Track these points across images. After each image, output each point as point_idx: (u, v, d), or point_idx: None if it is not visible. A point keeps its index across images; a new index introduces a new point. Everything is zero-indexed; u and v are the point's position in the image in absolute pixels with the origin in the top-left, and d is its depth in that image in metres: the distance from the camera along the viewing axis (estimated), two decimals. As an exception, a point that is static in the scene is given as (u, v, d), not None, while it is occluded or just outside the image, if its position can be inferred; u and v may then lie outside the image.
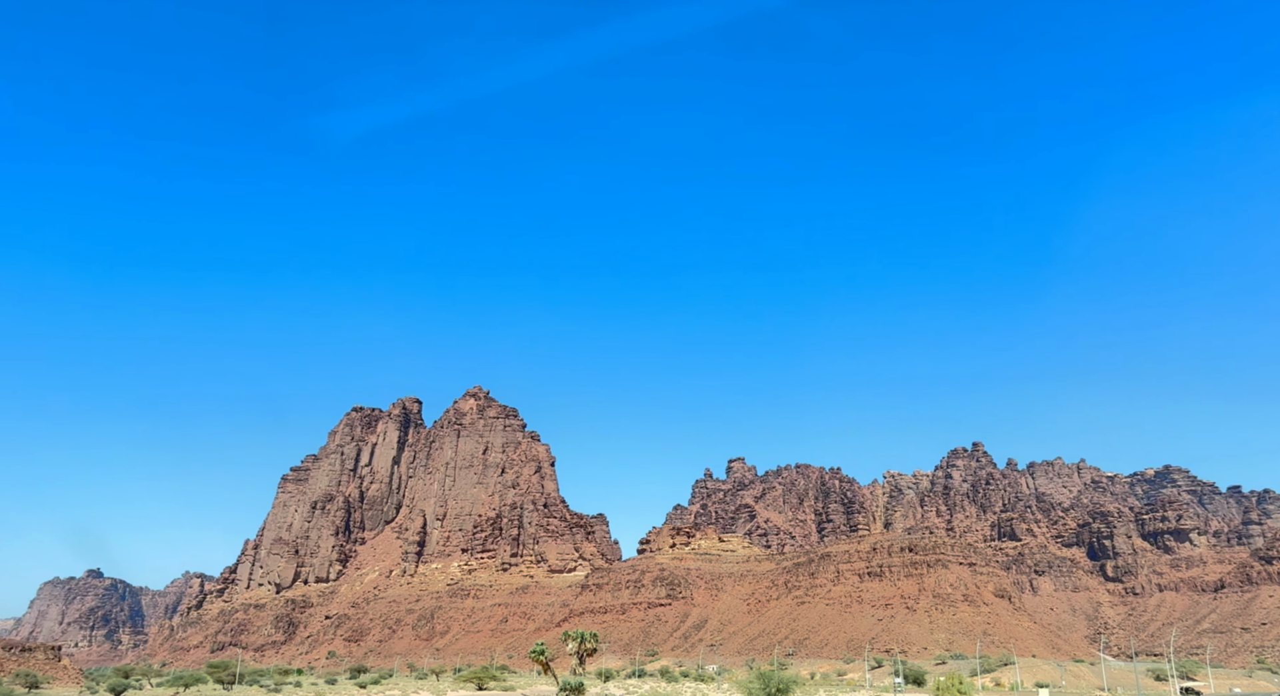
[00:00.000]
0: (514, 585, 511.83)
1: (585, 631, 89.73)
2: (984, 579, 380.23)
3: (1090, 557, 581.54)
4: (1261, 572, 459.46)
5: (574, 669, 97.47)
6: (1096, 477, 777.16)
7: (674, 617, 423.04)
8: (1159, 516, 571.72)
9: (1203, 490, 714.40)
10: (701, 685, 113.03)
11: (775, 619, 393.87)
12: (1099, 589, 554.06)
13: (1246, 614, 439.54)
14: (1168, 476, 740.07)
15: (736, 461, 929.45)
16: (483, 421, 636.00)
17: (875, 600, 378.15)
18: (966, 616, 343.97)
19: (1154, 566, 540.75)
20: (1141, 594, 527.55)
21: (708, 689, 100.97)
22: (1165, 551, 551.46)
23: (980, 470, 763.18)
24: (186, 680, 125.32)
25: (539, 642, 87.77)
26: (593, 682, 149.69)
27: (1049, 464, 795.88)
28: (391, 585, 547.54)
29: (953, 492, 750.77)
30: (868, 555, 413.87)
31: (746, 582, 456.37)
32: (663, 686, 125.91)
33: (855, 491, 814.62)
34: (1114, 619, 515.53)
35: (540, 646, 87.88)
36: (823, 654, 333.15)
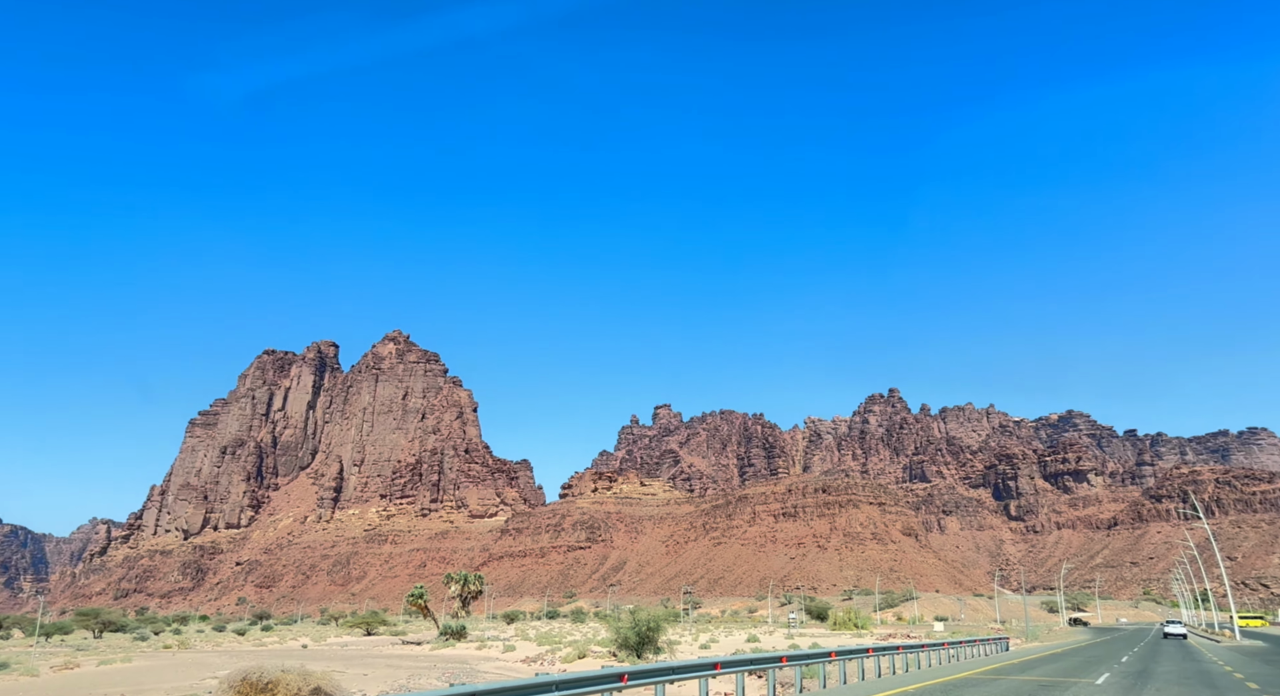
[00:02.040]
0: (433, 530, 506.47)
1: (469, 574, 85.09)
2: (893, 518, 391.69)
3: (995, 498, 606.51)
4: (1151, 510, 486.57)
5: (456, 612, 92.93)
6: (1004, 422, 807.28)
7: (593, 560, 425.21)
8: (1060, 458, 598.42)
9: (1101, 434, 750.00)
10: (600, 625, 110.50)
11: (692, 559, 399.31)
12: (1002, 527, 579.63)
13: (1136, 549, 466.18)
14: (1070, 421, 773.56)
15: (663, 408, 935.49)
16: (403, 366, 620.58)
17: (789, 539, 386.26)
18: (875, 554, 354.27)
19: (1054, 506, 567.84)
20: (1041, 531, 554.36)
21: (598, 627, 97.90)
22: (1065, 491, 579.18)
23: (895, 415, 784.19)
24: (48, 629, 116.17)
25: (418, 586, 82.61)
26: (494, 625, 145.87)
27: (960, 409, 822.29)
28: (306, 531, 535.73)
29: (869, 437, 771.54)
30: (783, 496, 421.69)
31: (666, 525, 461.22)
32: (561, 627, 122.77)
33: (777, 436, 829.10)
34: (1015, 555, 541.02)
35: (419, 589, 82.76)
36: (736, 592, 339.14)
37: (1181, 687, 27.18)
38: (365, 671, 48.32)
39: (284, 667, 32.05)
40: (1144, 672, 32.10)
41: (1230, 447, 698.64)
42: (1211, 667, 36.33)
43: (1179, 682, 27.60)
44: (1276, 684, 25.44)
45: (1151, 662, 40.55)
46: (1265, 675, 30.13)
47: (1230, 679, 29.09)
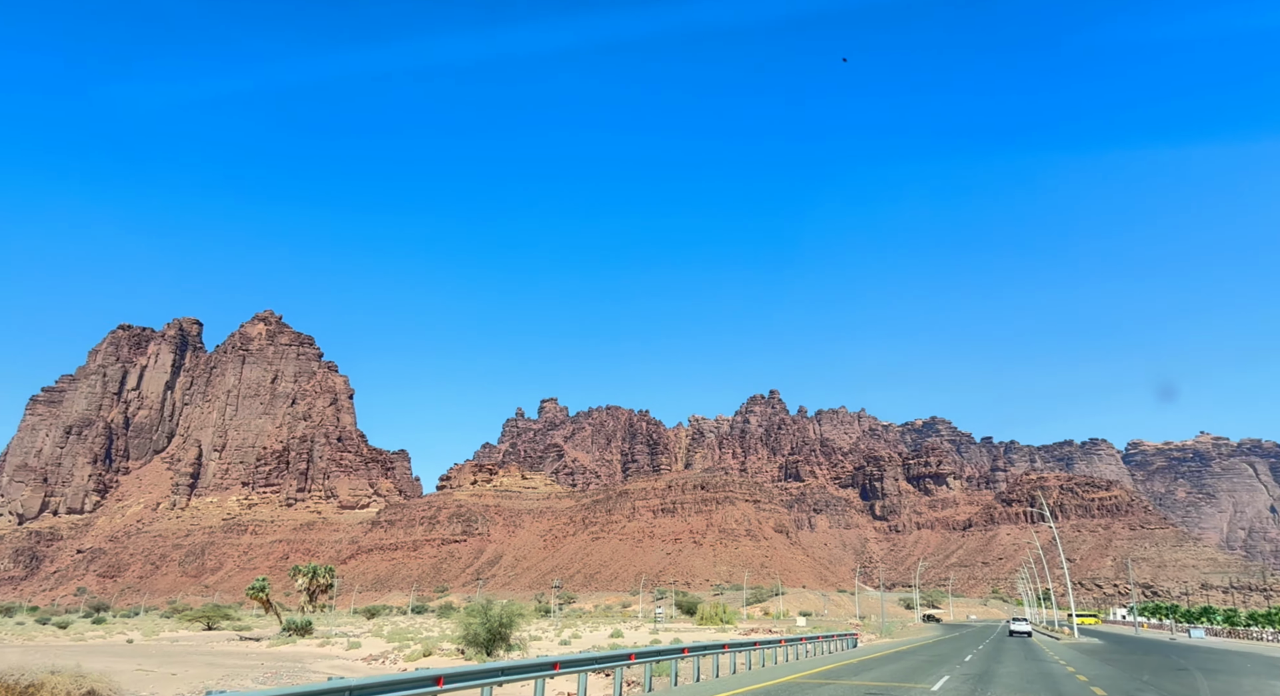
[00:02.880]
0: (298, 521, 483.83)
1: (318, 566, 79.98)
2: (766, 515, 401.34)
3: (863, 498, 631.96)
4: (1002, 513, 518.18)
5: (302, 606, 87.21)
6: (874, 426, 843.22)
7: (468, 554, 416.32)
8: (923, 462, 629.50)
9: (961, 440, 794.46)
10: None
11: (570, 554, 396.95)
12: (868, 526, 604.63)
13: (987, 550, 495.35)
14: (933, 426, 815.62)
15: (549, 401, 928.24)
16: (273, 348, 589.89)
17: (666, 535, 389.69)
18: (748, 550, 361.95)
19: (915, 507, 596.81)
20: (903, 531, 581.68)
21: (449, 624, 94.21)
22: (926, 493, 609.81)
23: (775, 416, 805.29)
24: None
25: (259, 579, 76.77)
26: (354, 621, 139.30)
27: (834, 412, 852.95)
28: (159, 518, 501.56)
29: (749, 436, 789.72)
30: (663, 493, 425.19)
31: (545, 519, 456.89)
32: (422, 623, 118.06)
33: (661, 433, 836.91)
34: (878, 553, 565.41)
35: (261, 582, 76.94)
36: (612, 587, 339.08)
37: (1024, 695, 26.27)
38: (176, 671, 43.64)
39: (54, 667, 27.82)
40: (985, 675, 31.26)
41: (1074, 456, 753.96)
42: (1054, 669, 36.20)
43: (1021, 689, 26.24)
44: (1121, 687, 25.01)
45: (994, 663, 40.23)
46: (1108, 677, 30.11)
47: (1074, 682, 28.49)
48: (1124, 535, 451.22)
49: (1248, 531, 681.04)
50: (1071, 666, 37.39)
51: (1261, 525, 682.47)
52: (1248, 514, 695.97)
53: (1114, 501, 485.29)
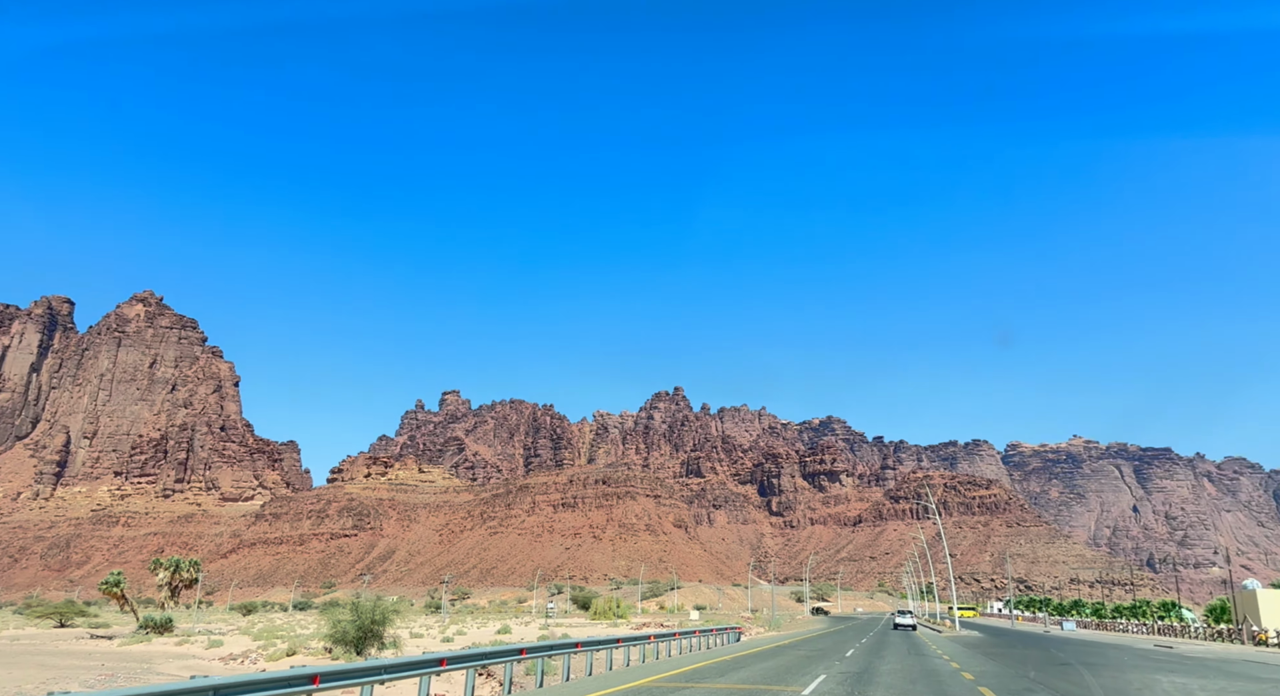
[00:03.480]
0: (176, 513, 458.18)
1: (181, 559, 74.40)
2: (666, 510, 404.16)
3: (760, 494, 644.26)
4: (890, 509, 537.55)
5: (163, 602, 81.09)
6: (773, 424, 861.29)
7: (359, 548, 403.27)
8: (818, 460, 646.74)
9: (855, 439, 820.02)
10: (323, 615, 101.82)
11: (466, 548, 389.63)
12: (764, 521, 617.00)
13: (875, 545, 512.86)
14: (829, 426, 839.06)
15: (451, 394, 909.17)
16: (152, 331, 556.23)
17: (566, 529, 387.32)
18: (647, 544, 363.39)
19: (810, 503, 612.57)
20: (797, 526, 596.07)
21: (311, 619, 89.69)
22: (820, 490, 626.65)
23: (678, 413, 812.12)
24: None
25: (114, 572, 70.66)
26: (228, 618, 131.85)
27: (736, 409, 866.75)
28: (20, 508, 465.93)
29: (652, 432, 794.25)
30: (564, 487, 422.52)
31: (442, 513, 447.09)
32: (300, 619, 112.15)
33: (565, 428, 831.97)
34: (773, 548, 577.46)
35: (115, 576, 70.80)
36: (509, 582, 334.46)
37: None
38: (1, 671, 38.89)
39: None
40: (864, 674, 29.01)
41: (958, 456, 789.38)
42: (939, 665, 34.67)
43: (904, 691, 24.31)
44: (1009, 687, 23.83)
45: (876, 659, 38.46)
46: (994, 675, 28.86)
47: (959, 681, 26.45)
48: (1002, 531, 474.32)
49: (1112, 529, 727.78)
50: (956, 662, 36.13)
51: (1125, 524, 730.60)
52: (1113, 513, 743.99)
53: (993, 499, 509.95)
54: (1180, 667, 32.46)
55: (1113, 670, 31.40)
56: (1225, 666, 34.42)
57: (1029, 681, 25.91)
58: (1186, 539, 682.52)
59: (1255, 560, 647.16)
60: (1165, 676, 28.04)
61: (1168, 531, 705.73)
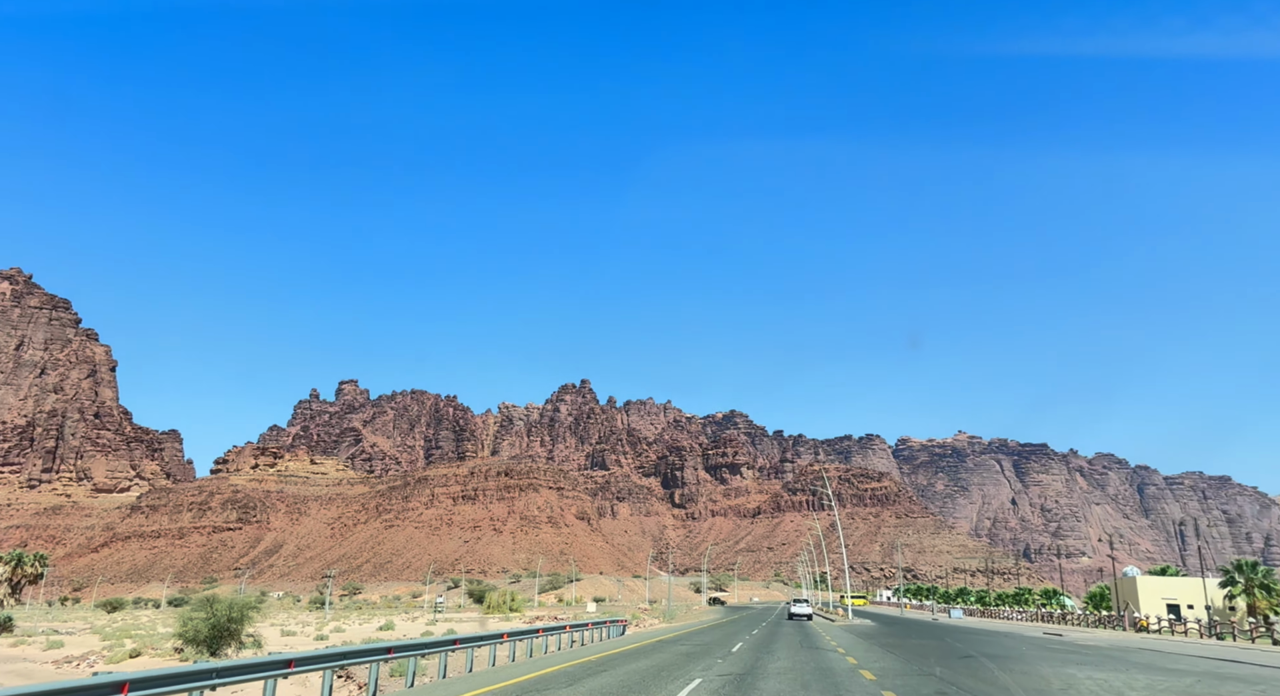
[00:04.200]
0: (43, 505, 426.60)
1: (24, 553, 67.25)
2: (569, 502, 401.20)
3: (664, 487, 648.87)
4: (788, 501, 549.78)
5: (2, 599, 73.35)
6: (678, 417, 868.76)
7: (243, 542, 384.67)
8: (720, 453, 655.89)
9: (756, 432, 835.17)
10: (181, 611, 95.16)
11: (359, 542, 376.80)
12: (667, 514, 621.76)
13: (773, 536, 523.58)
14: (732, 419, 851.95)
15: (348, 383, 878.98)
16: (19, 310, 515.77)
17: (465, 522, 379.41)
18: (549, 537, 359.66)
19: (711, 495, 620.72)
20: (699, 518, 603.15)
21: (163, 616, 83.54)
22: (722, 483, 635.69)
23: (585, 405, 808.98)
24: None
25: (-57, 567, 62.94)
26: (93, 614, 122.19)
27: (642, 403, 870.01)
28: None
29: (558, 425, 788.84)
30: (465, 479, 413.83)
31: (335, 506, 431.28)
32: (165, 617, 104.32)
33: (469, 419, 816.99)
34: (675, 540, 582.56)
35: (-55, 572, 63.11)
36: (404, 576, 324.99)
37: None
38: None
39: None
40: (747, 676, 25.32)
41: (852, 450, 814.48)
42: (834, 662, 29.91)
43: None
44: (918, 691, 21.21)
45: (764, 655, 33.36)
46: (896, 672, 25.99)
47: (859, 681, 23.49)
48: (891, 522, 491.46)
49: (992, 521, 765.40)
50: (852, 657, 32.28)
51: (1004, 515, 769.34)
52: (993, 505, 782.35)
53: (884, 491, 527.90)
54: (1090, 660, 30.58)
55: (1020, 663, 29.27)
56: (1129, 656, 33.66)
57: (937, 681, 23.10)
58: (1060, 530, 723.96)
59: (1120, 549, 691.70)
60: (1081, 671, 26.22)
61: (1043, 522, 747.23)
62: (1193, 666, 28.35)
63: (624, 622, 50.66)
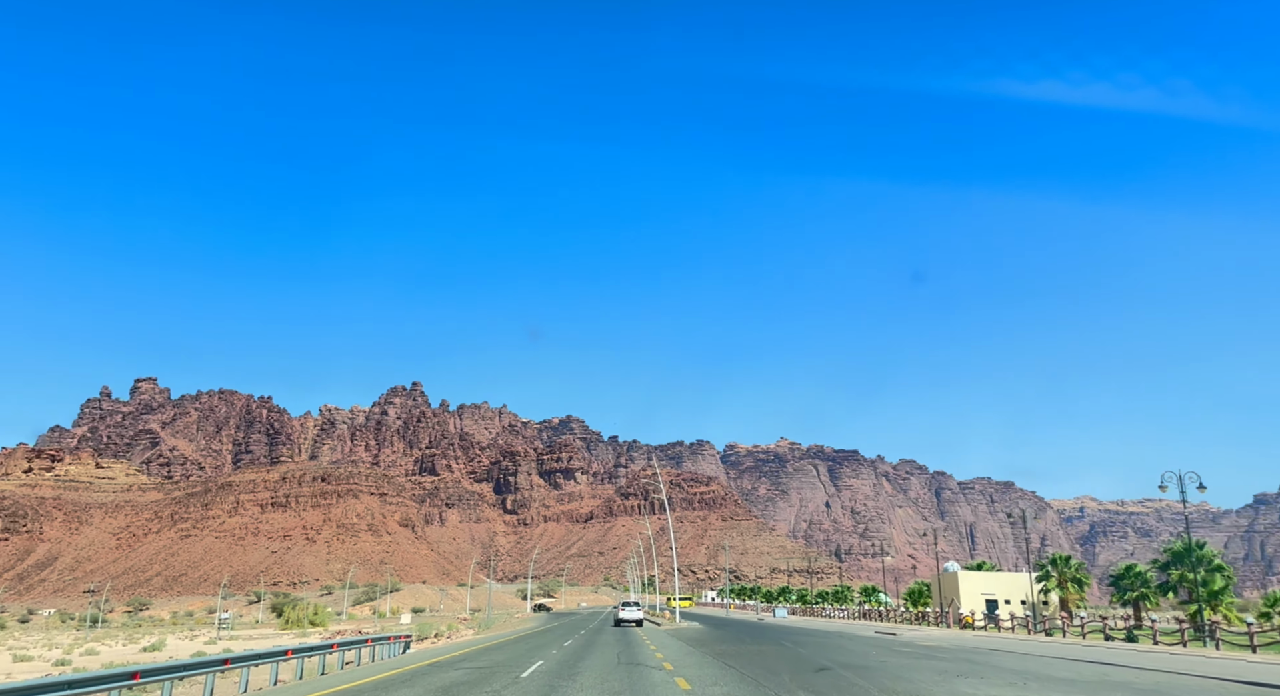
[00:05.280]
0: None
1: None
2: (393, 509, 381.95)
3: (496, 492, 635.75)
4: (621, 506, 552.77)
5: None
6: (514, 422, 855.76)
7: (11, 555, 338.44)
8: (555, 458, 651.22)
9: (592, 438, 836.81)
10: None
11: (150, 554, 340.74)
12: (498, 520, 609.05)
13: (605, 540, 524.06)
14: (568, 425, 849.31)
15: (146, 381, 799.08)
16: None
17: (275, 531, 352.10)
18: (368, 545, 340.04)
19: (544, 500, 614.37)
20: (531, 524, 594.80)
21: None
22: (555, 488, 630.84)
23: (415, 409, 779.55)
24: None
25: None
26: None
27: (477, 407, 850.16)
28: None
29: (385, 428, 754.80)
30: (276, 485, 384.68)
31: (123, 514, 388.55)
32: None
33: (285, 422, 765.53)
34: (505, 546, 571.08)
35: None
36: (200, 590, 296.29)
37: None
38: None
39: None
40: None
41: (683, 455, 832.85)
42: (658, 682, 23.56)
43: None
44: None
45: (564, 680, 22.16)
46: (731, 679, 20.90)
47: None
48: (718, 525, 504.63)
49: (809, 523, 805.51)
50: (684, 677, 23.51)
51: (819, 518, 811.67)
52: (810, 508, 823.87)
53: (711, 496, 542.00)
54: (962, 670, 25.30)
55: (891, 678, 23.23)
56: (993, 659, 30.57)
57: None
58: (867, 531, 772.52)
59: (919, 549, 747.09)
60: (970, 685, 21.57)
61: (853, 524, 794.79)
62: (1075, 672, 25.56)
63: (406, 638, 43.34)
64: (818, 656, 32.31)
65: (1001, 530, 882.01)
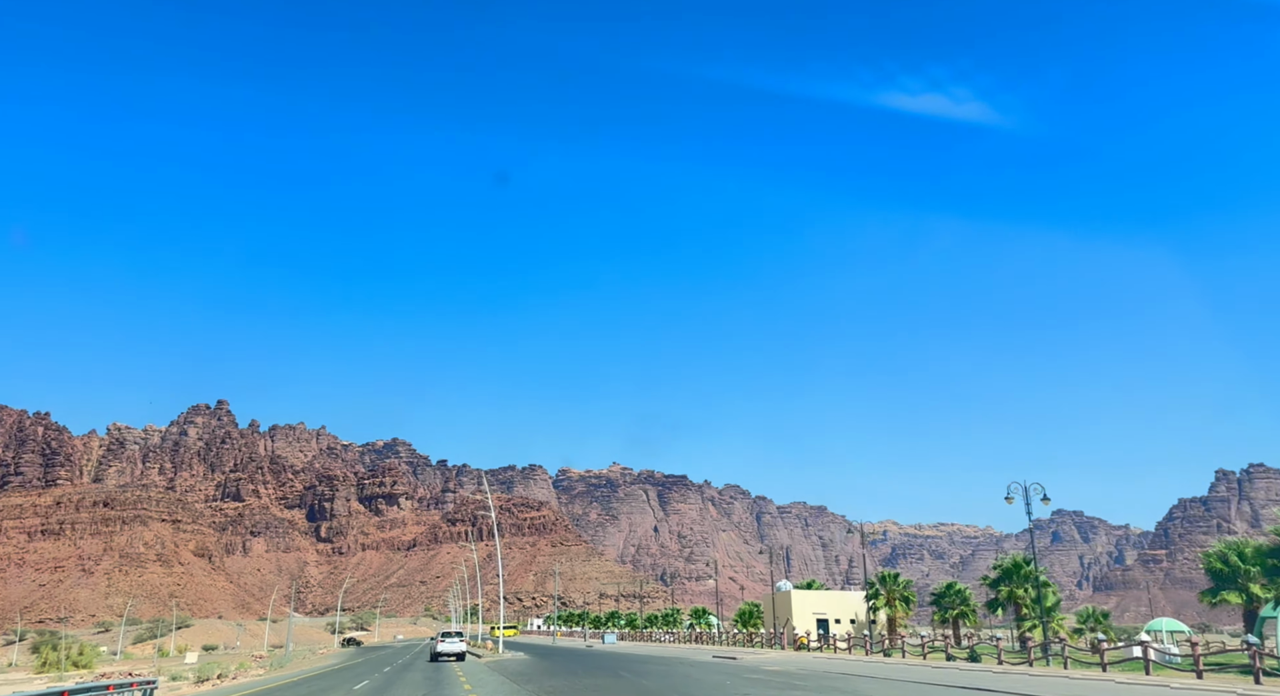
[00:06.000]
0: None
1: None
2: (187, 537, 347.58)
3: (310, 519, 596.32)
4: (446, 532, 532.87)
5: None
6: (333, 444, 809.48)
7: None
8: (378, 482, 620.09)
9: (419, 462, 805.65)
10: None
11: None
12: (310, 549, 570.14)
13: (427, 569, 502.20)
14: (394, 448, 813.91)
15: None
16: None
17: (45, 562, 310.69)
18: (156, 577, 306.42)
19: (363, 528, 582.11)
20: (347, 553, 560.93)
21: None
22: (377, 514, 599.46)
23: (220, 429, 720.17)
24: None
25: None
26: None
27: (292, 428, 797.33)
28: None
29: (184, 450, 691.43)
30: (48, 510, 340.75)
31: None
32: None
33: (64, 441, 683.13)
34: (317, 577, 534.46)
35: None
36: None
37: None
38: None
39: None
40: None
41: (515, 480, 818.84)
42: None
43: None
44: None
45: None
46: None
47: None
48: (547, 551, 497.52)
49: (637, 547, 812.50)
50: None
51: (647, 542, 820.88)
52: (638, 532, 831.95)
53: (542, 521, 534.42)
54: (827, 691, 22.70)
55: None
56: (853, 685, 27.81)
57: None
58: (692, 555, 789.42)
59: (740, 572, 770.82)
60: None
61: (679, 549, 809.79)
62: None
63: (149, 684, 35.56)
64: (665, 689, 28.02)
65: (814, 552, 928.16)
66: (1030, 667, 35.52)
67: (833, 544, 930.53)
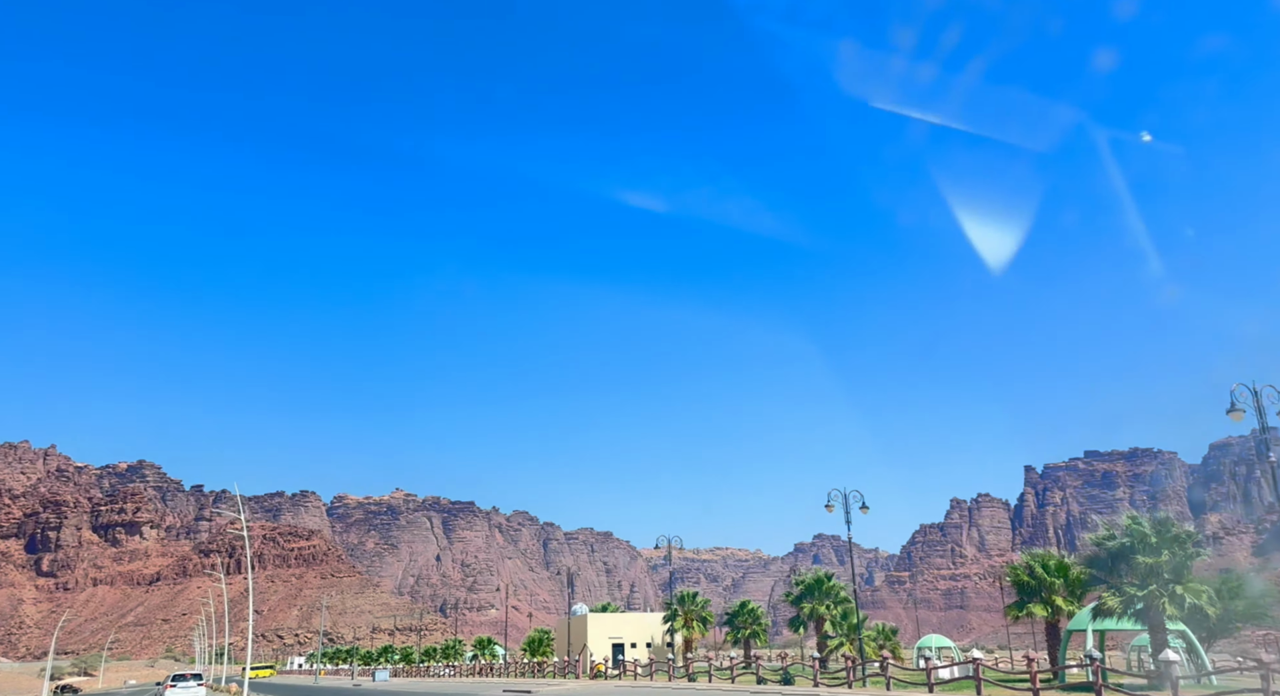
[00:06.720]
0: None
1: None
2: None
3: (29, 551, 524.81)
4: (198, 564, 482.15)
5: None
6: (64, 466, 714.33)
7: None
8: (118, 509, 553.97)
9: (169, 487, 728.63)
10: None
11: None
12: (28, 584, 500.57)
13: (172, 605, 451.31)
14: (140, 471, 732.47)
15: None
16: None
17: None
18: None
19: (97, 560, 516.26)
20: (75, 589, 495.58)
21: None
22: (115, 545, 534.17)
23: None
24: None
25: None
26: None
27: (13, 447, 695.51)
28: None
29: None
30: None
31: None
32: None
33: None
34: (35, 616, 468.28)
35: None
36: None
37: None
38: None
39: None
40: None
41: (283, 507, 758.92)
42: None
43: None
44: None
45: None
46: None
47: None
48: (315, 584, 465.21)
49: (417, 578, 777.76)
50: None
51: (428, 572, 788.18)
52: (419, 562, 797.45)
53: (312, 551, 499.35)
54: None
55: None
56: None
57: None
58: (475, 584, 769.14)
59: (524, 599, 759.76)
60: None
61: (461, 578, 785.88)
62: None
63: None
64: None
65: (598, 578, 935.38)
66: (850, 690, 33.60)
67: (616, 569, 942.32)
